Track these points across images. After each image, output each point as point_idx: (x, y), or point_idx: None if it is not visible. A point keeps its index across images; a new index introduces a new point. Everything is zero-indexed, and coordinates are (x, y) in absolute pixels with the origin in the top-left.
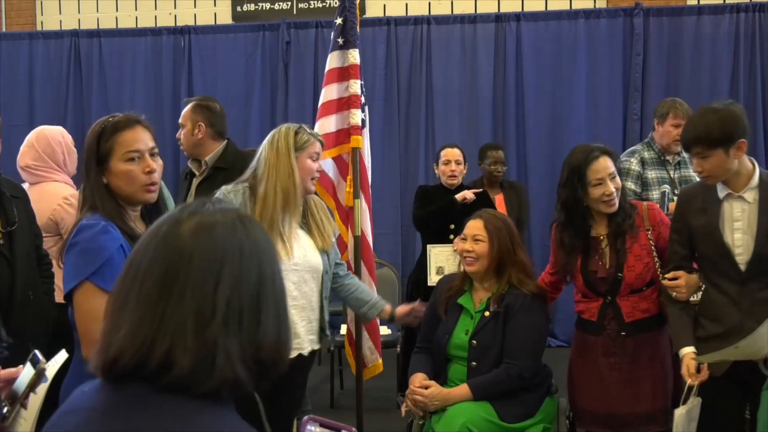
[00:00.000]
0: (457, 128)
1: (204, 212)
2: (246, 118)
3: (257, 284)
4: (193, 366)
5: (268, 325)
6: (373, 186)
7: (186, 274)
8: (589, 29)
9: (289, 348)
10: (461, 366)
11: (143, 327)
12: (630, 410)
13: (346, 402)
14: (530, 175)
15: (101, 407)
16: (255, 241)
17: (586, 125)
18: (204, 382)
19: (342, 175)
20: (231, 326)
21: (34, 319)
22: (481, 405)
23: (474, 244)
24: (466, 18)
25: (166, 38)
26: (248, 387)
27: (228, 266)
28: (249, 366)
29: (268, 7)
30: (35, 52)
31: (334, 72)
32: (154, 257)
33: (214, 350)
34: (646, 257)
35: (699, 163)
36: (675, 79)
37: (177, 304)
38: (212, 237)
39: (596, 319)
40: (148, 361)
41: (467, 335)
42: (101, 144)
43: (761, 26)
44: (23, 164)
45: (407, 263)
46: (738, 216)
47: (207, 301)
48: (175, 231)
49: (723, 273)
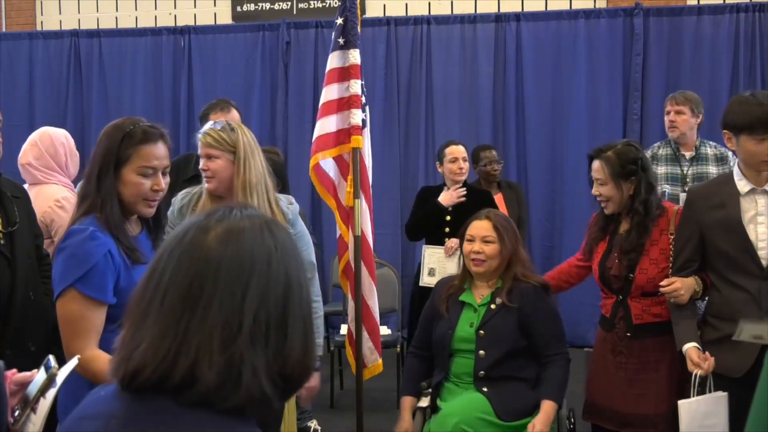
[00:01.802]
0: (456, 128)
1: (231, 218)
2: (246, 118)
3: (284, 295)
4: (218, 381)
5: (295, 339)
6: (373, 186)
7: (213, 285)
8: (589, 29)
9: (314, 360)
10: (466, 359)
11: (167, 341)
12: (632, 411)
13: (346, 402)
14: (530, 175)
15: (121, 416)
16: (283, 247)
17: (586, 125)
18: (229, 398)
19: (343, 175)
20: (257, 340)
21: (35, 319)
22: (479, 402)
23: (484, 245)
24: (466, 18)
25: (166, 38)
26: (274, 403)
27: (256, 276)
28: (275, 381)
29: (268, 7)
30: (35, 52)
31: (334, 72)
32: (177, 267)
33: (240, 365)
34: (663, 262)
35: (760, 142)
36: (675, 79)
37: (202, 317)
38: (240, 244)
39: (609, 315)
40: (171, 376)
41: (472, 327)
42: (122, 149)
43: (761, 26)
44: (24, 161)
45: (407, 263)
46: (762, 210)
47: (234, 314)
48: (201, 239)
49: (742, 269)
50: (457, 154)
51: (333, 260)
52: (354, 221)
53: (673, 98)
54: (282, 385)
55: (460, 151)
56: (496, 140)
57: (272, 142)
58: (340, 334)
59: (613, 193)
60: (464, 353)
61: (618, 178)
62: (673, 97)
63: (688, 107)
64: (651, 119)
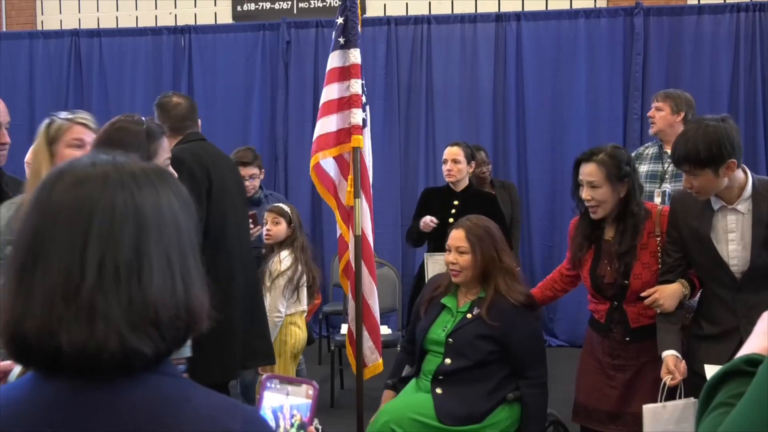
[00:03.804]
0: (457, 128)
1: (76, 166)
2: (246, 118)
3: (135, 234)
4: (76, 340)
5: (154, 280)
6: (374, 186)
7: (51, 236)
8: (589, 29)
9: (196, 302)
10: (436, 357)
11: (18, 302)
12: (624, 410)
13: (346, 401)
14: (530, 174)
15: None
16: (131, 192)
17: (586, 125)
18: (98, 356)
19: (343, 175)
20: (107, 287)
21: None
22: (421, 403)
23: (458, 255)
24: (467, 17)
25: (166, 38)
26: (148, 353)
27: (99, 218)
28: (145, 329)
29: (268, 7)
30: (35, 51)
31: (335, 71)
32: (24, 224)
33: (91, 316)
34: (654, 265)
35: (688, 180)
36: (675, 78)
37: (44, 271)
38: (80, 192)
39: (604, 321)
40: (29, 342)
41: (444, 332)
42: (150, 146)
43: (761, 26)
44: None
45: (407, 263)
46: (732, 227)
47: (75, 262)
48: (46, 192)
49: (718, 280)
50: (447, 156)
51: (333, 260)
52: (354, 221)
53: (655, 96)
54: (157, 333)
55: (450, 153)
56: (496, 140)
57: (272, 142)
58: (340, 334)
59: (608, 197)
60: (435, 353)
61: (614, 180)
62: (656, 95)
63: (668, 104)
64: None
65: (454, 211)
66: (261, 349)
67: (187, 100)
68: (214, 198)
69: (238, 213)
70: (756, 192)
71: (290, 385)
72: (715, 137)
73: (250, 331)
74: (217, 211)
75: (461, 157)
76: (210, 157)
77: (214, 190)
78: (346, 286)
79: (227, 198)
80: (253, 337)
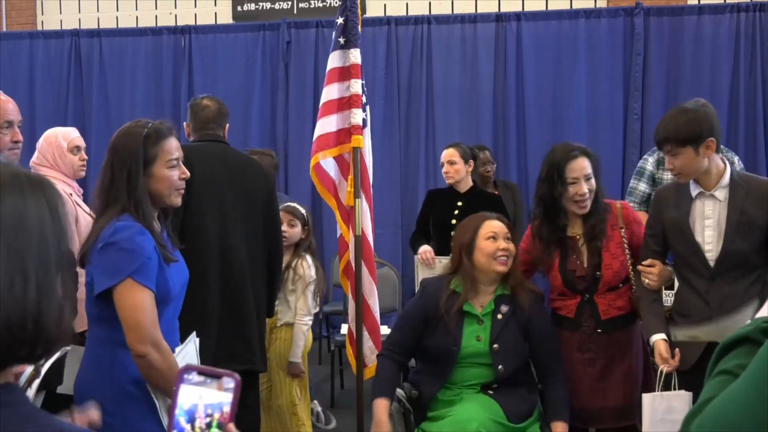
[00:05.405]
0: (457, 128)
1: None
2: (246, 118)
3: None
4: None
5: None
6: (374, 186)
7: None
8: (589, 29)
9: (61, 325)
10: (479, 369)
11: None
12: (600, 405)
13: (346, 401)
14: (530, 174)
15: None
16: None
17: (586, 125)
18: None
19: (343, 175)
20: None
21: None
22: (492, 406)
23: (508, 243)
24: (467, 18)
25: (166, 38)
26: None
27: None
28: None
29: (268, 7)
30: (35, 51)
31: (335, 71)
32: None
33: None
34: (621, 255)
35: (670, 161)
36: (675, 78)
37: None
38: None
39: (573, 316)
40: None
41: (480, 341)
42: (147, 149)
43: (761, 26)
44: (32, 162)
45: (407, 263)
46: (709, 214)
47: None
48: None
49: (693, 269)
50: (443, 158)
51: (333, 260)
52: (354, 221)
53: None
54: None
55: (444, 155)
56: (496, 140)
57: (272, 142)
58: (340, 334)
59: (596, 188)
60: (474, 364)
61: (598, 174)
62: None
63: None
64: (651, 119)
65: (457, 212)
66: (241, 352)
67: (216, 103)
68: (194, 191)
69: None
70: (734, 181)
71: (209, 377)
72: (695, 116)
73: (231, 332)
74: (194, 205)
75: (457, 158)
76: (201, 153)
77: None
78: (346, 287)
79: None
80: (236, 339)
